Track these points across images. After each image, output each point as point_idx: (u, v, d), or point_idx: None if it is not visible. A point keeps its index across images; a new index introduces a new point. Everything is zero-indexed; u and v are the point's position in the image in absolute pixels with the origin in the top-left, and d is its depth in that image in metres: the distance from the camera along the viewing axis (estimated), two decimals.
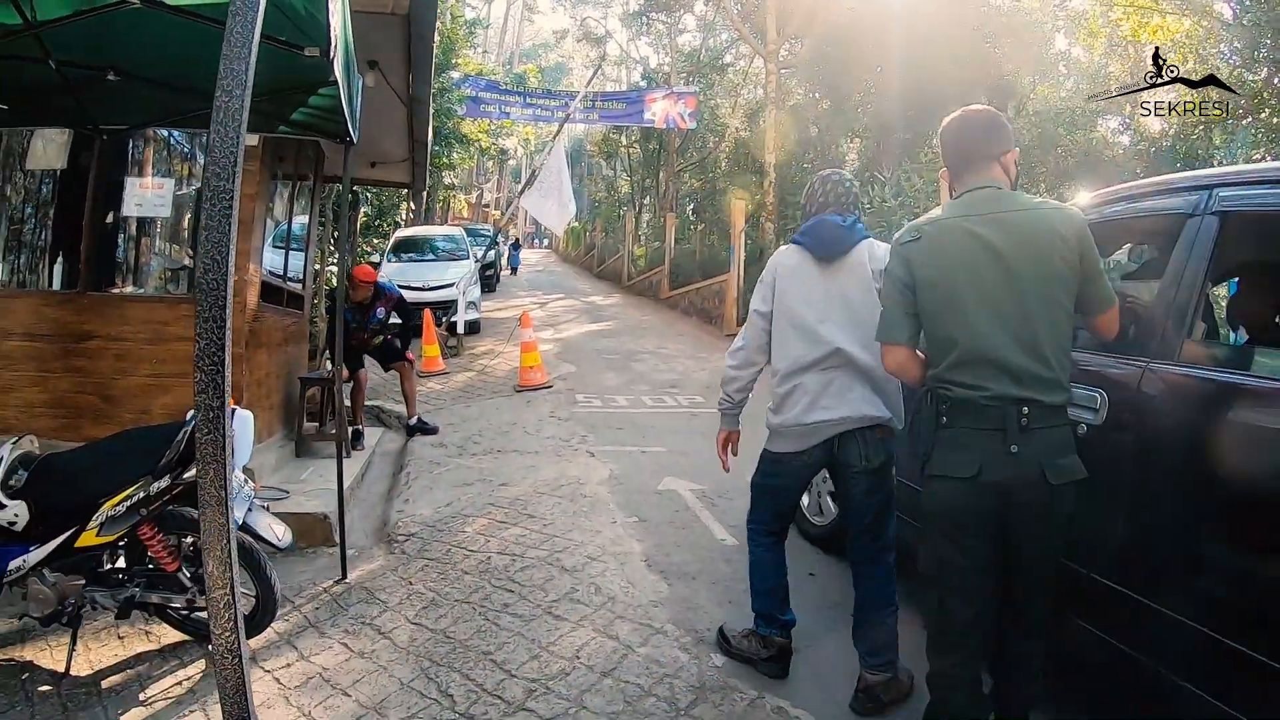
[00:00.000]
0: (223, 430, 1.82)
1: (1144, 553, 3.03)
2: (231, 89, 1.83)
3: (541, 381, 11.19)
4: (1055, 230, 2.77)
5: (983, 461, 2.73)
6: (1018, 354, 2.73)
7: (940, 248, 2.91)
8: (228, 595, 1.86)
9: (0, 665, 3.99)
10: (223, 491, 1.82)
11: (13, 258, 6.85)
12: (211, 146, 1.82)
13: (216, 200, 1.83)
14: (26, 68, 4.37)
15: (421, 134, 10.35)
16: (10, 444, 3.97)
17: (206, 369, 1.81)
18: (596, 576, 4.96)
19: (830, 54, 20.34)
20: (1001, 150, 2.99)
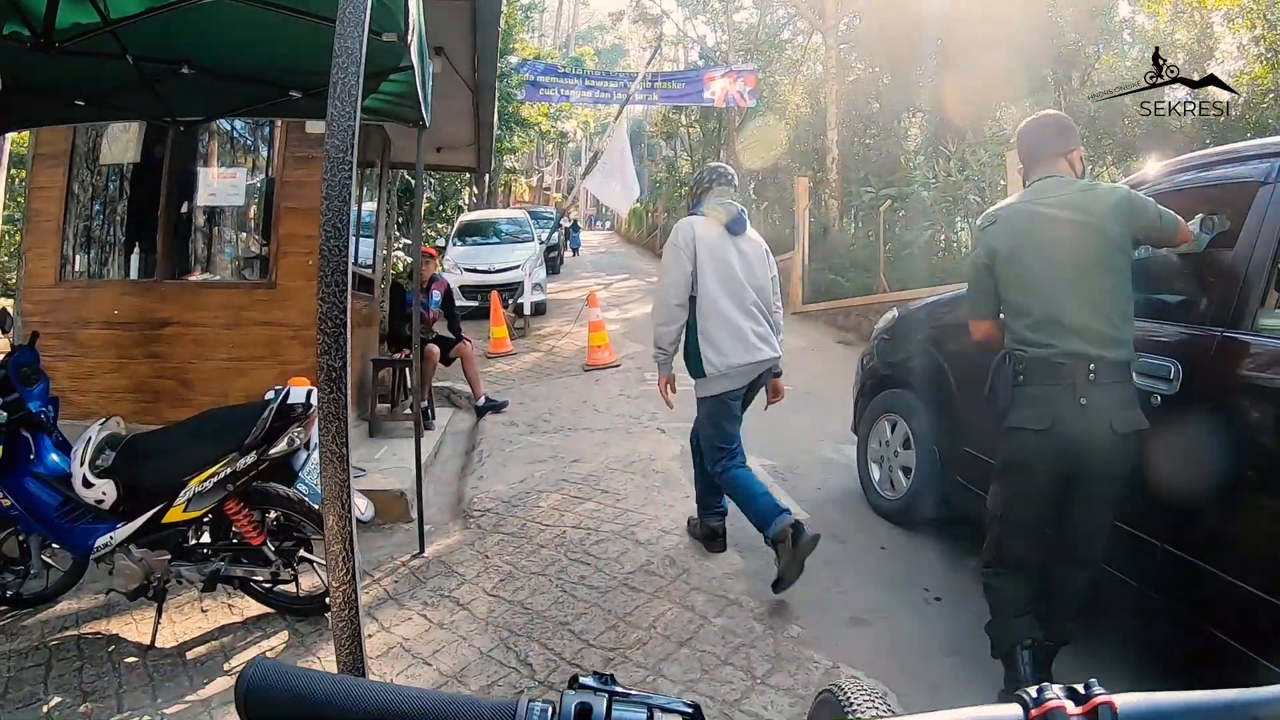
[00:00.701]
0: (344, 389, 1.89)
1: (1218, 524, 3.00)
2: (346, 66, 1.89)
3: (609, 360, 11.24)
4: (1106, 202, 3.20)
5: (1055, 415, 3.12)
6: (1084, 314, 3.13)
7: (1012, 228, 3.37)
8: (346, 550, 1.93)
9: (88, 638, 4.16)
10: (343, 449, 1.90)
11: (90, 249, 7.05)
12: (330, 121, 1.88)
13: (335, 171, 1.89)
14: (105, 64, 4.48)
15: (487, 117, 10.43)
16: (98, 425, 4.12)
17: (329, 331, 1.88)
18: (670, 549, 5.02)
19: (890, 28, 20.06)
20: (1068, 149, 3.44)
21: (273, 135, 6.97)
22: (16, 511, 4.05)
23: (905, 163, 17.72)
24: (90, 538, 3.97)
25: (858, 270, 15.39)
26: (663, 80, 24.40)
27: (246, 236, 7.33)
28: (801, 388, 9.63)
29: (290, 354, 6.52)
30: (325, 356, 1.87)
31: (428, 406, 8.11)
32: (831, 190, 19.63)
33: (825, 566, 4.79)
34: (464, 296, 15.01)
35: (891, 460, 5.51)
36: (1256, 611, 2.75)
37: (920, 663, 3.78)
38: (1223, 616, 2.92)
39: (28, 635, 4.19)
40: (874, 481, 5.71)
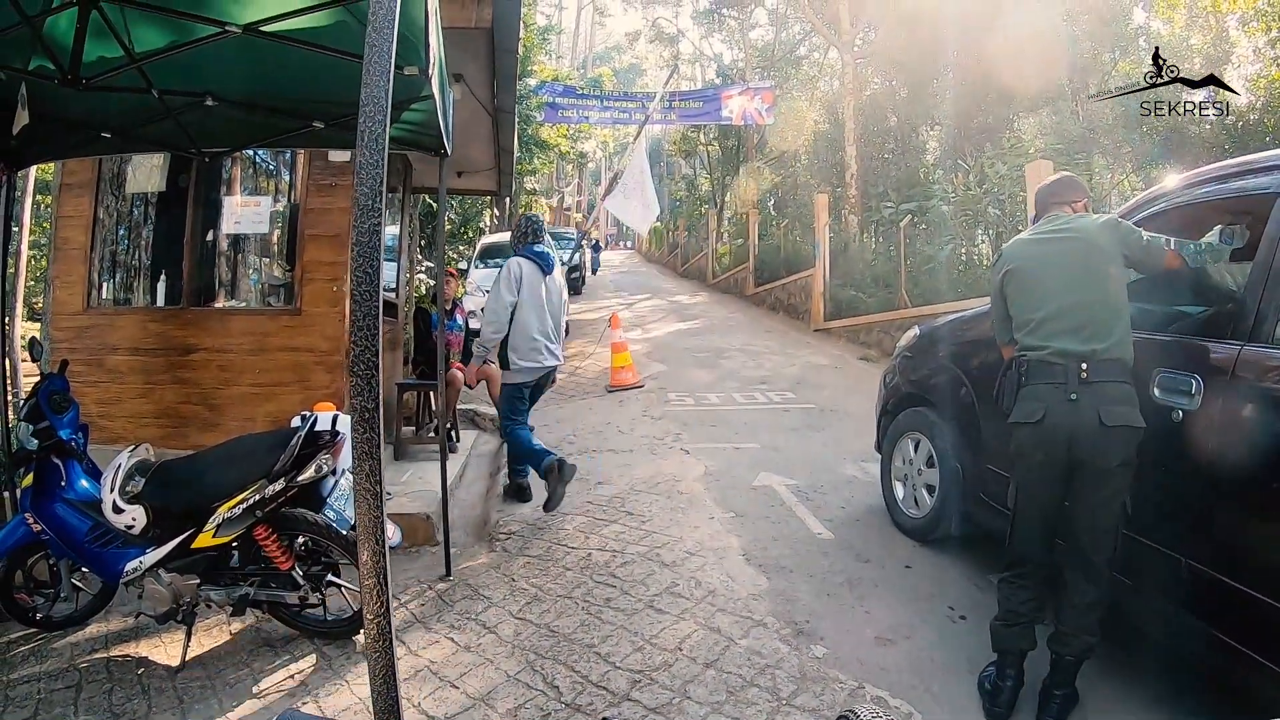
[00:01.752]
0: (377, 429, 1.92)
1: (1244, 540, 2.99)
2: (373, 114, 1.93)
3: (633, 381, 11.26)
4: (1096, 222, 3.61)
5: (1047, 408, 3.39)
6: (1078, 317, 3.41)
7: (1014, 256, 3.77)
8: (380, 584, 1.96)
9: (117, 660, 4.20)
10: (377, 486, 1.93)
11: (116, 277, 7.15)
12: (359, 167, 1.92)
13: (365, 217, 1.93)
14: (130, 98, 4.56)
15: (507, 142, 10.50)
16: (128, 452, 4.18)
17: (361, 373, 1.92)
18: (696, 571, 5.02)
19: (905, 41, 20.04)
20: (1073, 199, 3.82)
21: (295, 163, 7.05)
22: (47, 536, 4.12)
23: (924, 176, 17.71)
24: (120, 562, 4.02)
25: (879, 286, 15.37)
26: (680, 99, 24.50)
27: (271, 263, 7.40)
28: (823, 405, 9.65)
29: (315, 379, 6.58)
30: (359, 398, 1.91)
31: (452, 429, 8.13)
32: (851, 206, 19.61)
33: (850, 586, 4.80)
34: None
35: (915, 478, 5.50)
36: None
37: (946, 683, 3.77)
38: (1252, 633, 2.90)
39: (58, 657, 4.23)
40: (898, 500, 5.70)
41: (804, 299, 18.15)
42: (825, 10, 22.31)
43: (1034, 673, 3.53)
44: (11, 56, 4.06)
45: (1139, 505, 3.41)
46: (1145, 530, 3.42)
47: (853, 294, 15.92)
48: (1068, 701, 3.43)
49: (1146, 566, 3.42)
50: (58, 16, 3.86)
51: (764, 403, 10.16)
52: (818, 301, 16.84)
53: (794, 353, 13.96)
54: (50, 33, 3.95)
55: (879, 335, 13.76)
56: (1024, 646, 3.54)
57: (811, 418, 9.17)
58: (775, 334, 16.46)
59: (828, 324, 16.17)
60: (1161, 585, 3.35)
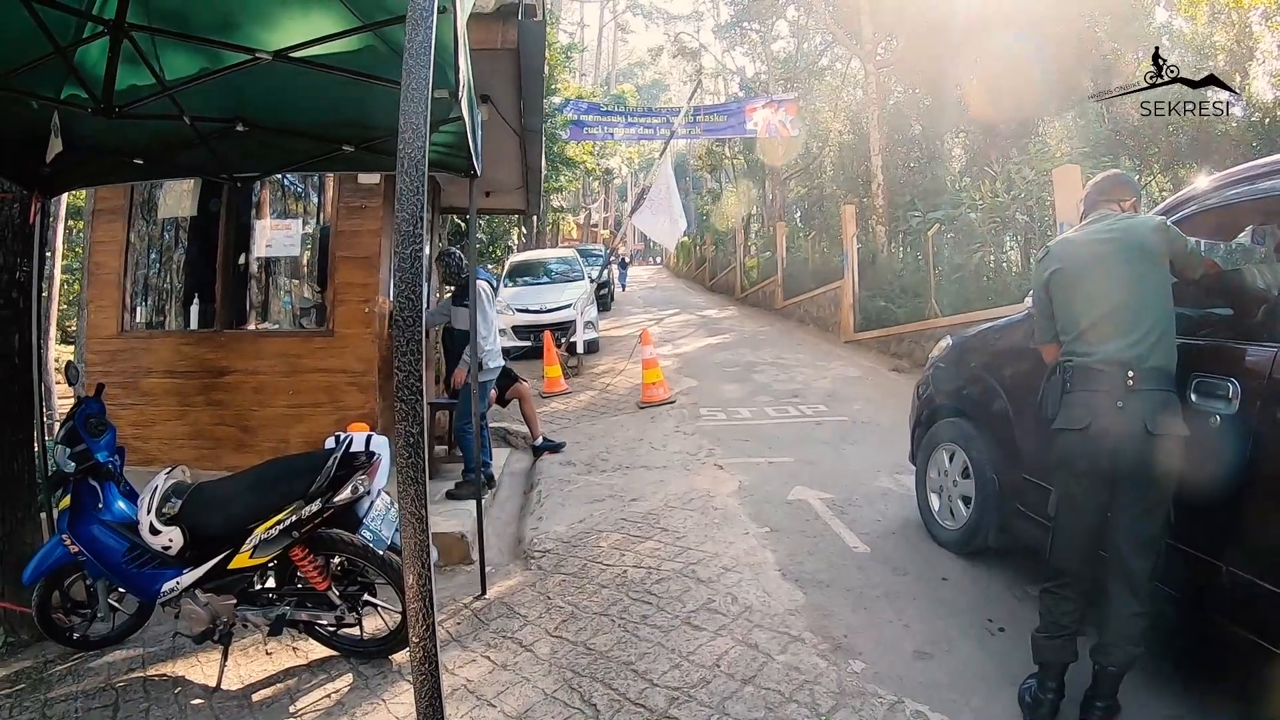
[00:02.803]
0: (422, 455, 1.93)
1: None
2: (412, 140, 1.94)
3: (664, 397, 11.22)
4: (1146, 225, 3.49)
5: (1094, 415, 3.35)
6: (1124, 325, 3.34)
7: (1061, 256, 3.66)
8: (426, 607, 1.97)
9: (154, 680, 4.25)
10: (423, 511, 1.94)
11: (149, 301, 7.24)
12: (400, 194, 1.93)
13: (406, 244, 1.93)
14: (162, 125, 4.64)
15: (535, 161, 10.56)
16: (164, 474, 4.24)
17: (406, 398, 1.93)
18: (732, 587, 5.00)
19: (927, 49, 19.99)
20: (1122, 198, 3.72)
21: (324, 185, 7.12)
22: (85, 557, 4.19)
23: (951, 184, 17.63)
24: (157, 583, 4.07)
25: (908, 296, 15.28)
26: (705, 114, 24.53)
27: (302, 285, 7.47)
28: (856, 418, 9.61)
29: (348, 400, 6.62)
30: (404, 423, 1.92)
31: None
32: (878, 216, 19.54)
33: (888, 599, 4.76)
34: (517, 337, 15.14)
35: (950, 490, 5.45)
36: None
37: (986, 696, 3.73)
38: None
39: (94, 676, 4.29)
40: (934, 512, 5.66)
41: (833, 311, 18.08)
42: (846, 21, 22.32)
43: (1074, 684, 3.49)
44: (45, 86, 4.14)
45: (1179, 513, 3.38)
46: (1185, 538, 3.38)
47: (882, 305, 15.85)
48: (1109, 713, 3.39)
49: (1187, 574, 3.38)
50: (89, 46, 3.93)
51: (796, 416, 10.12)
52: (847, 313, 16.78)
53: (825, 365, 13.91)
54: (82, 62, 4.02)
55: (910, 346, 13.68)
56: (1066, 659, 3.49)
57: (844, 430, 9.12)
58: (806, 347, 16.41)
59: (858, 335, 16.10)
60: (1202, 593, 3.31)
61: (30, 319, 4.95)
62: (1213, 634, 3.32)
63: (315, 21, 3.76)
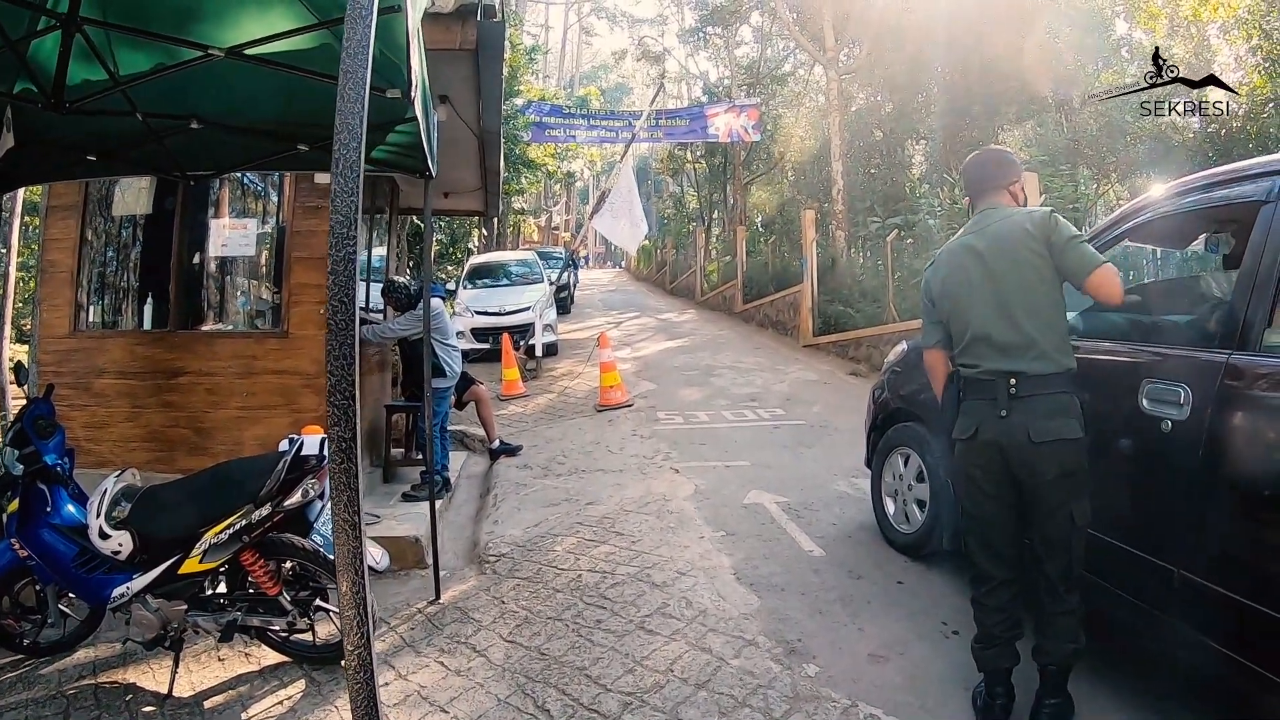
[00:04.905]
0: (354, 460, 1.91)
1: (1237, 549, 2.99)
2: (348, 141, 1.92)
3: (622, 400, 11.22)
4: (1023, 227, 3.42)
5: (979, 424, 3.43)
6: (1005, 333, 3.38)
7: (946, 263, 3.68)
8: (360, 614, 1.95)
9: (105, 687, 4.17)
10: (356, 517, 1.91)
11: (103, 300, 7.12)
12: (334, 196, 1.92)
13: (340, 246, 1.91)
14: (115, 121, 4.56)
15: (493, 163, 10.50)
16: (114, 477, 4.16)
17: (339, 403, 1.90)
18: (687, 591, 5.00)
19: (890, 56, 20.19)
20: (1009, 181, 3.68)
21: (283, 185, 7.04)
22: (34, 562, 4.10)
23: (910, 191, 17.78)
24: (107, 588, 4.00)
25: (867, 301, 15.40)
26: (667, 118, 24.61)
27: (258, 285, 7.38)
28: (813, 422, 9.66)
29: (303, 402, 6.54)
30: (337, 427, 1.90)
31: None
32: (838, 221, 19.66)
33: (843, 603, 4.78)
34: (475, 339, 15.08)
35: (906, 494, 5.49)
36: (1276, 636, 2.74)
37: (940, 698, 3.76)
38: (1242, 640, 2.90)
39: (45, 684, 4.20)
40: (889, 516, 5.69)
41: (792, 315, 18.17)
42: (810, 28, 22.43)
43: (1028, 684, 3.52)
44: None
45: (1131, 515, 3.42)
46: (1137, 541, 3.42)
47: (841, 309, 15.95)
48: (1060, 711, 3.40)
49: (1140, 577, 3.41)
50: (42, 40, 3.86)
51: (754, 420, 10.15)
52: (806, 317, 16.87)
53: (783, 369, 13.96)
54: (34, 56, 3.95)
55: (868, 350, 13.77)
56: (1006, 664, 3.53)
57: (802, 434, 9.16)
58: (764, 351, 16.47)
59: (816, 340, 16.19)
60: (1154, 595, 3.35)
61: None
62: (1166, 636, 3.35)
63: (272, 19, 3.72)
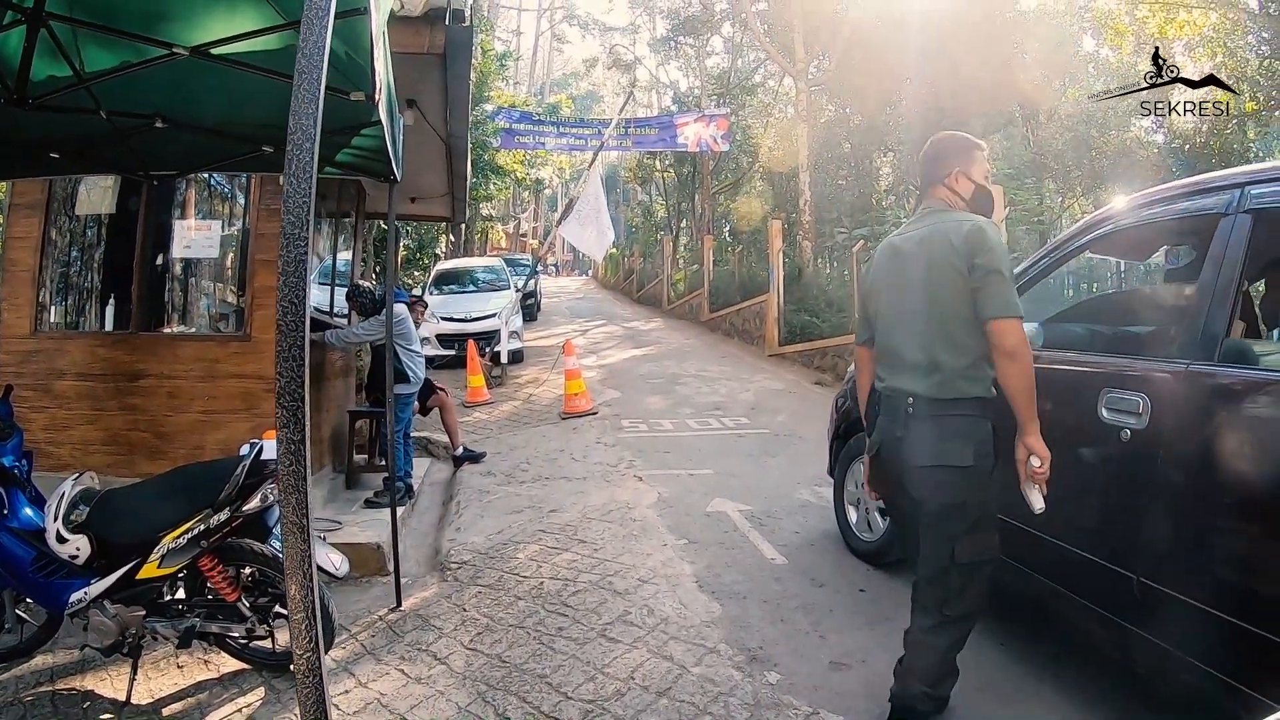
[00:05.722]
0: (303, 462, 1.89)
1: (1196, 555, 3.03)
2: (301, 142, 1.91)
3: (587, 408, 11.22)
4: (948, 239, 3.17)
5: (881, 443, 3.38)
6: (910, 350, 3.25)
7: (876, 263, 3.59)
8: (309, 618, 1.93)
9: (63, 694, 4.09)
10: (304, 520, 1.90)
11: (65, 300, 7.03)
12: (286, 197, 1.90)
13: (292, 247, 1.90)
14: (79, 119, 4.51)
15: (460, 169, 10.47)
16: (71, 480, 4.09)
17: (287, 405, 1.88)
18: (649, 599, 5.00)
19: (858, 67, 20.35)
20: (944, 174, 3.42)
21: (249, 187, 6.98)
22: None
23: (877, 202, 17.95)
24: (65, 593, 3.93)
25: (832, 310, 15.50)
26: (636, 126, 24.59)
27: (222, 288, 7.31)
28: (778, 430, 9.69)
29: (265, 407, 6.47)
30: (285, 429, 1.88)
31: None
32: (805, 232, 19.78)
33: (804, 611, 4.80)
34: (440, 345, 15.02)
35: (868, 502, 5.51)
36: (1233, 642, 2.78)
37: None
38: (1201, 647, 2.93)
39: (1, 691, 4.13)
40: (851, 524, 5.72)
41: (759, 324, 18.24)
42: (780, 39, 22.58)
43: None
44: None
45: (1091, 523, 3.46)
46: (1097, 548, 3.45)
47: (807, 319, 16.04)
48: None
49: (1100, 584, 3.44)
50: (6, 35, 3.81)
51: (718, 428, 10.19)
52: (772, 327, 16.93)
53: (749, 378, 14.01)
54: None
55: (833, 359, 13.84)
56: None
57: (766, 443, 9.20)
58: (730, 359, 16.52)
59: (782, 349, 16.25)
60: (1114, 602, 3.38)
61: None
62: (1126, 642, 3.38)
63: (238, 19, 3.69)
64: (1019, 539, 3.79)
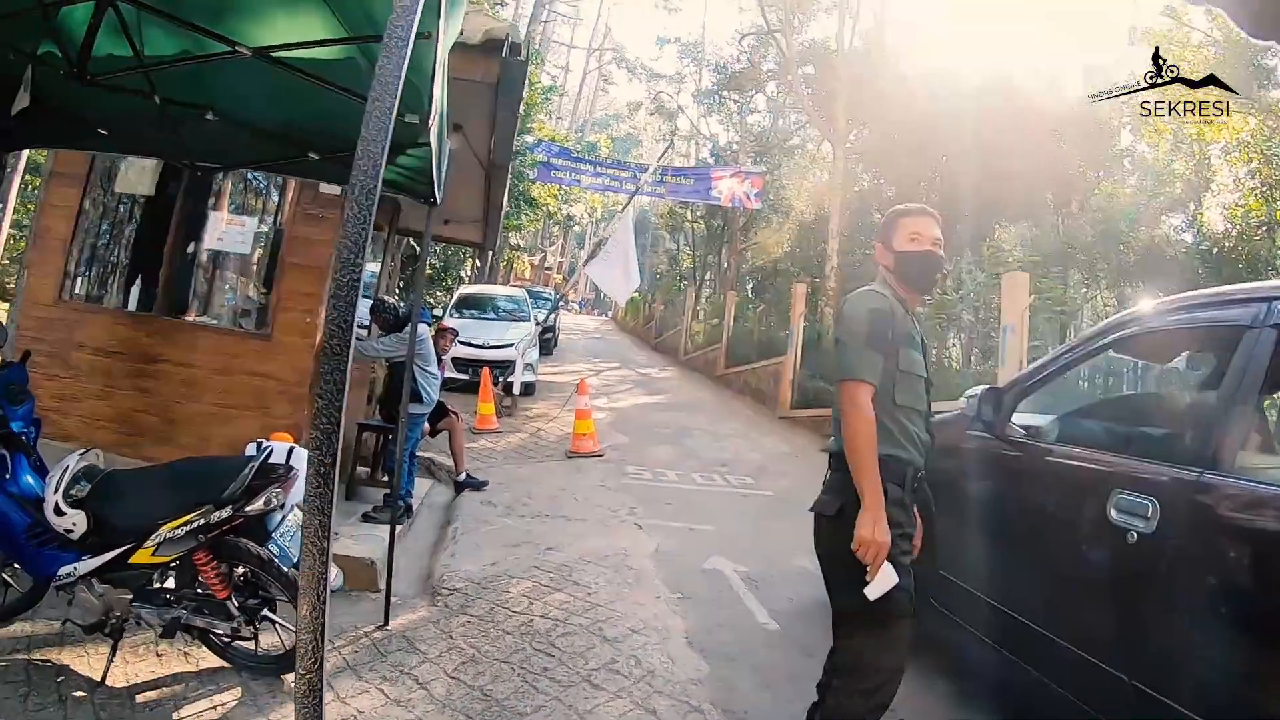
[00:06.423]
0: (332, 486, 1.89)
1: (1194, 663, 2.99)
2: (366, 168, 1.92)
3: (593, 449, 11.21)
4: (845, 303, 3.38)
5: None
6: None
7: None
8: (316, 640, 1.92)
9: (37, 665, 4.07)
10: (326, 543, 1.90)
11: (91, 274, 7.08)
12: (346, 219, 1.91)
13: (345, 270, 1.91)
14: (132, 99, 4.55)
15: (497, 197, 10.55)
16: (77, 455, 4.10)
17: (323, 428, 1.89)
18: (638, 649, 4.94)
19: (898, 141, 20.48)
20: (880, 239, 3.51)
21: (285, 187, 7.03)
22: None
23: None
24: (54, 565, 3.92)
25: None
26: (672, 174, 24.77)
27: (247, 284, 7.35)
28: (782, 494, 9.63)
29: (277, 408, 6.49)
30: (319, 451, 1.89)
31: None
32: (828, 298, 19.81)
33: (792, 681, 4.73)
34: (455, 368, 15.03)
35: None
36: None
37: None
38: None
39: None
40: None
41: (772, 385, 18.20)
42: (823, 105, 22.77)
43: None
44: (21, 38, 4.07)
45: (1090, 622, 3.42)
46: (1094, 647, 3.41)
47: (821, 385, 16.00)
48: None
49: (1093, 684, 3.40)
50: (74, 8, 3.87)
51: (723, 485, 10.15)
52: (786, 389, 16.91)
53: (758, 438, 13.98)
54: (63, 22, 3.96)
55: None
56: None
57: (769, 505, 9.15)
58: (741, 417, 16.49)
59: (794, 412, 16.22)
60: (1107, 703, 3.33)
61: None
62: None
63: (302, 25, 3.73)
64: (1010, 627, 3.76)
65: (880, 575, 2.95)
